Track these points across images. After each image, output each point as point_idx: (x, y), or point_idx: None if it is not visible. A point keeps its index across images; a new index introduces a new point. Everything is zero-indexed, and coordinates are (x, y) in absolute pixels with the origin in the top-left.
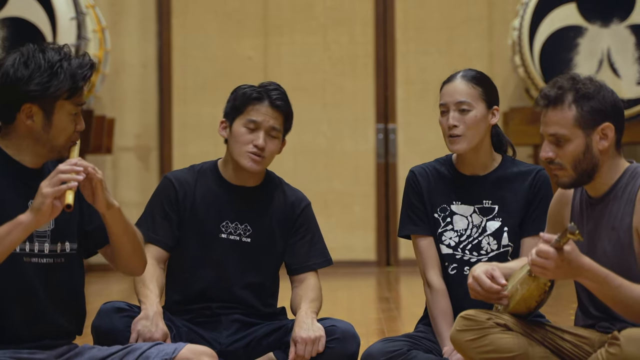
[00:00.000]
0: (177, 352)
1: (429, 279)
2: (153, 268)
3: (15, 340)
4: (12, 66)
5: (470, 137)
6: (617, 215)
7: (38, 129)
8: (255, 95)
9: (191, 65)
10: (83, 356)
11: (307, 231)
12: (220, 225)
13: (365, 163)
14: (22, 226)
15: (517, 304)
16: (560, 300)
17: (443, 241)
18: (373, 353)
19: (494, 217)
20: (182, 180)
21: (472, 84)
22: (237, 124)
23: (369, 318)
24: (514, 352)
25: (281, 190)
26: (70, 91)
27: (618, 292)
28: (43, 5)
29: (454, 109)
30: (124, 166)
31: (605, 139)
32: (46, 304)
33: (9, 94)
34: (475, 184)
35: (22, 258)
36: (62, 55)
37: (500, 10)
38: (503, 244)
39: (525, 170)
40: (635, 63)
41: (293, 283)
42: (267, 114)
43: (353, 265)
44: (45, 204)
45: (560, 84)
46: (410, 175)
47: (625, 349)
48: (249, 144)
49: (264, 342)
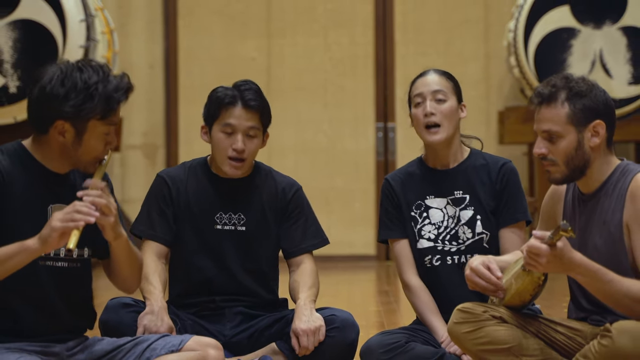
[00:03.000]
0: (183, 343)
1: (406, 280)
2: (154, 264)
3: (30, 334)
4: (50, 82)
5: (447, 127)
6: (608, 210)
7: (68, 145)
8: (228, 100)
9: (197, 66)
10: (93, 348)
11: (300, 214)
12: (215, 217)
13: (365, 161)
14: (28, 251)
15: (511, 298)
16: (554, 294)
17: (423, 235)
18: (372, 346)
19: (466, 206)
20: (174, 177)
21: (444, 77)
22: (215, 130)
23: (369, 311)
24: (509, 344)
25: (271, 178)
26: (103, 113)
27: (609, 287)
28: (53, 8)
29: (430, 99)
30: (132, 163)
31: (597, 136)
32: (59, 305)
33: (44, 109)
34: (445, 176)
35: (37, 261)
36: (100, 76)
37: (496, 12)
38: (477, 232)
39: (491, 162)
40: (626, 64)
41: (290, 267)
42: (241, 117)
43: (353, 260)
44: (52, 237)
45: (554, 82)
46: (384, 183)
47: (617, 340)
48: (229, 149)
49: (266, 333)
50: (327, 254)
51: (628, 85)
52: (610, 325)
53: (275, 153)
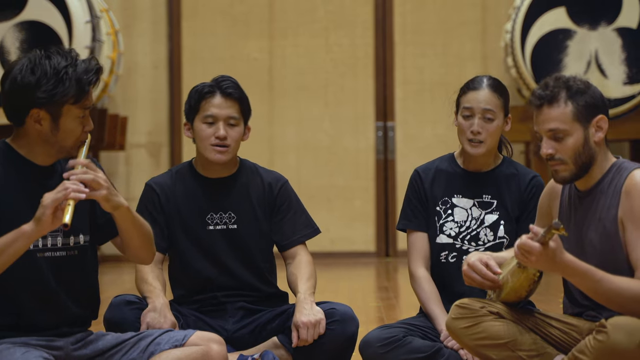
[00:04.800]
0: (186, 338)
1: (413, 270)
2: (151, 269)
3: (33, 328)
4: (20, 72)
5: (489, 144)
6: (604, 207)
7: (46, 132)
8: (207, 90)
9: (200, 66)
10: (98, 343)
11: (289, 207)
12: (206, 218)
13: (365, 159)
14: (25, 235)
15: (507, 294)
16: (550, 289)
17: (444, 231)
18: (370, 340)
19: (492, 210)
20: (162, 184)
21: (497, 94)
22: (197, 122)
23: (369, 306)
24: (506, 339)
25: (257, 174)
26: (76, 96)
27: (599, 286)
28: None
29: (479, 116)
30: (136, 162)
31: (601, 130)
32: (61, 295)
33: (17, 99)
34: (476, 179)
35: (36, 254)
36: (69, 60)
37: (494, 14)
38: (499, 236)
39: (523, 173)
40: (621, 64)
41: (286, 260)
42: (221, 106)
43: (353, 256)
44: (46, 214)
45: (551, 83)
46: (414, 174)
47: (612, 336)
48: (211, 137)
49: (268, 328)
50: (328, 250)
51: (623, 85)
52: (605, 320)
53: (277, 151)
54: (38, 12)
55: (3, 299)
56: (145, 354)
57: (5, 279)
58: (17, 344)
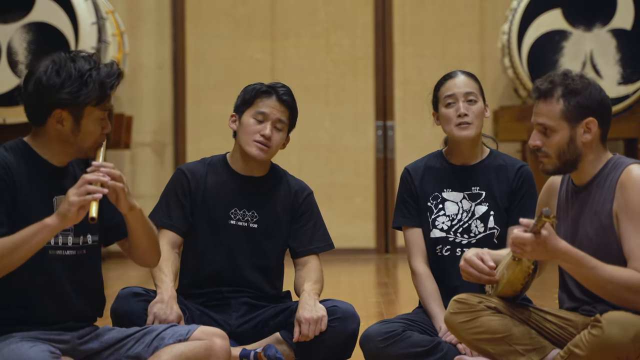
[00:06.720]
0: (190, 333)
1: (413, 266)
2: (168, 253)
3: (42, 322)
4: (45, 74)
5: (477, 125)
6: (600, 201)
7: (67, 132)
8: (265, 90)
9: (204, 67)
10: (103, 337)
11: (310, 217)
12: (230, 213)
13: (365, 158)
14: (48, 229)
15: (503, 288)
16: (546, 285)
17: (437, 226)
18: (370, 334)
19: (481, 202)
20: (194, 172)
21: (472, 79)
22: (246, 116)
23: (369, 302)
24: (503, 333)
25: (285, 180)
26: (98, 98)
27: (593, 273)
28: (66, 11)
29: (462, 100)
30: (141, 161)
31: (589, 132)
32: (70, 292)
33: (41, 100)
34: (465, 172)
35: (48, 251)
36: (92, 64)
37: (491, 15)
38: (489, 227)
39: (510, 163)
40: (616, 65)
41: (296, 266)
42: (274, 107)
43: (354, 253)
44: (72, 211)
45: (552, 78)
46: (404, 172)
47: (607, 331)
48: (257, 134)
49: (271, 323)
50: None
51: (617, 85)
52: (600, 315)
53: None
54: (45, 14)
55: (14, 293)
56: (149, 348)
57: (17, 275)
58: (25, 338)
